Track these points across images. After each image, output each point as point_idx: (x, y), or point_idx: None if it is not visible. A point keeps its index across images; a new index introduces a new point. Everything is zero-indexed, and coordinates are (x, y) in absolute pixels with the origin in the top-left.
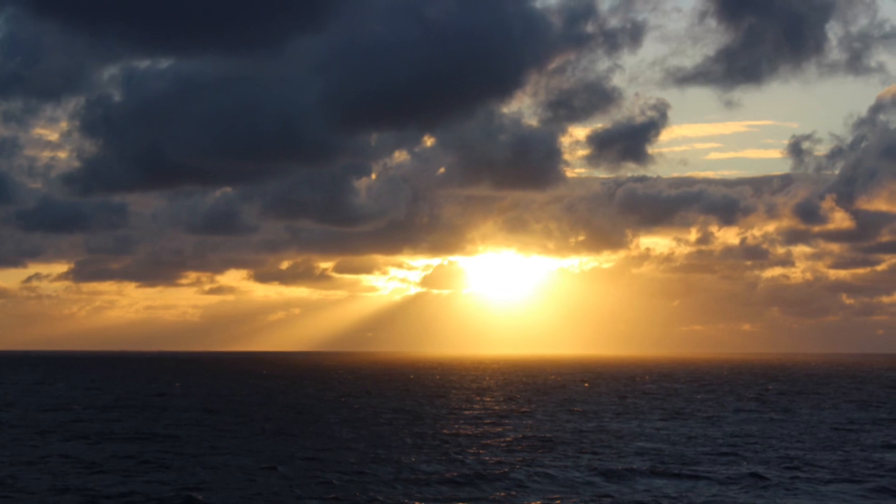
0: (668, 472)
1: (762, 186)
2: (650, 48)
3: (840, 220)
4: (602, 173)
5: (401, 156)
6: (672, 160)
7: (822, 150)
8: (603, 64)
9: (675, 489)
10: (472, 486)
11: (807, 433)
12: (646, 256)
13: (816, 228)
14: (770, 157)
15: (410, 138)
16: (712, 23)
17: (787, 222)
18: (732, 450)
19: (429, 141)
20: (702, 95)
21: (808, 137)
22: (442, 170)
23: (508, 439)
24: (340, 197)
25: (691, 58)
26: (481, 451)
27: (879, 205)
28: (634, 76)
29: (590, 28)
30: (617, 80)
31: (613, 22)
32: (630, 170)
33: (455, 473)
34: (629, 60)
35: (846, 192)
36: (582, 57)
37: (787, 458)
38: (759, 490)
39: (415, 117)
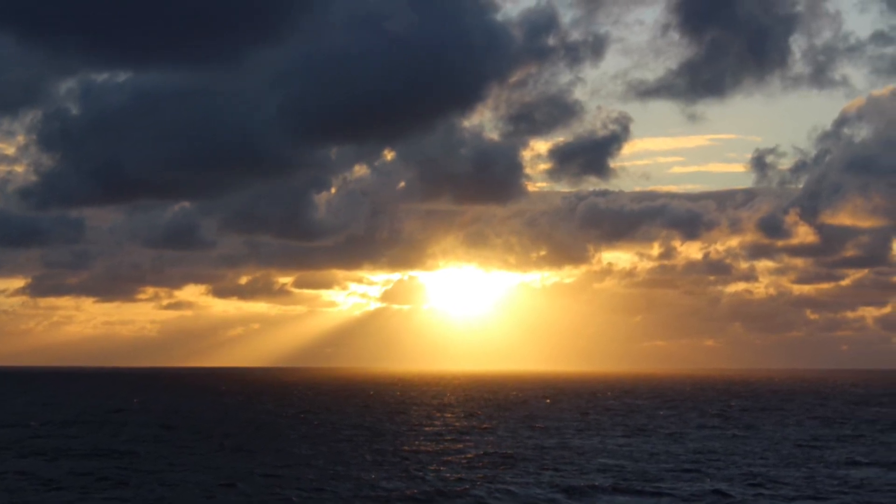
0: (630, 489)
1: (725, 201)
2: (612, 61)
3: (804, 234)
4: (564, 187)
5: (361, 170)
6: (634, 174)
7: (785, 163)
8: (564, 77)
9: None
10: None
11: (770, 450)
12: (608, 271)
13: (780, 243)
14: (733, 171)
15: (371, 152)
16: (675, 36)
17: (750, 237)
18: (695, 466)
19: (389, 155)
20: (664, 109)
21: (771, 151)
22: (402, 184)
23: (469, 456)
24: (300, 211)
25: (654, 71)
26: (442, 468)
27: (844, 219)
28: (596, 89)
29: (551, 41)
30: (579, 94)
31: (575, 35)
32: (592, 184)
33: (415, 490)
34: (591, 73)
35: (810, 206)
36: (543, 70)
37: (751, 474)
38: None
39: (375, 131)
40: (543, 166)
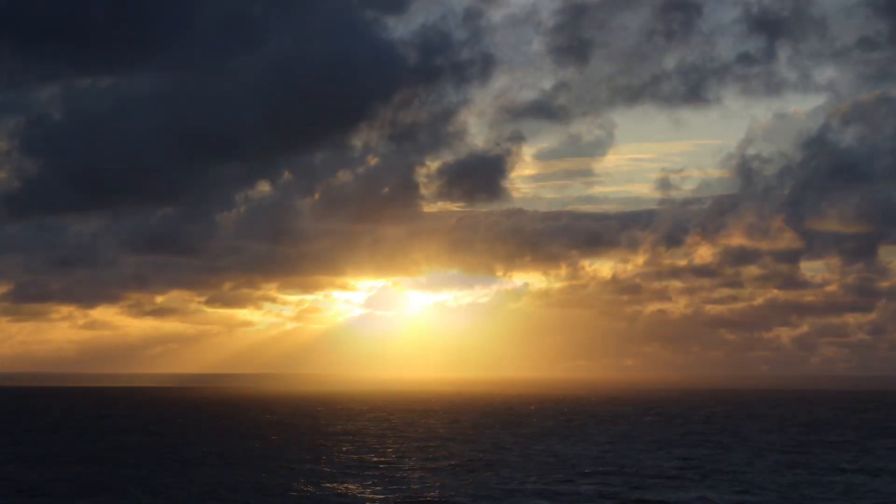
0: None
1: (630, 222)
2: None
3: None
4: (463, 206)
5: (261, 189)
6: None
7: (690, 184)
8: (453, 97)
9: None
10: None
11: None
12: (523, 291)
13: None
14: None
15: (269, 172)
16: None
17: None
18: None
19: (287, 174)
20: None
21: (677, 171)
22: (304, 203)
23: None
24: (200, 232)
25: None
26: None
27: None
28: (483, 111)
29: (440, 61)
30: (468, 114)
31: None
32: (491, 204)
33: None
34: (479, 94)
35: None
36: (431, 91)
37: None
38: None
39: (267, 151)
40: (437, 185)
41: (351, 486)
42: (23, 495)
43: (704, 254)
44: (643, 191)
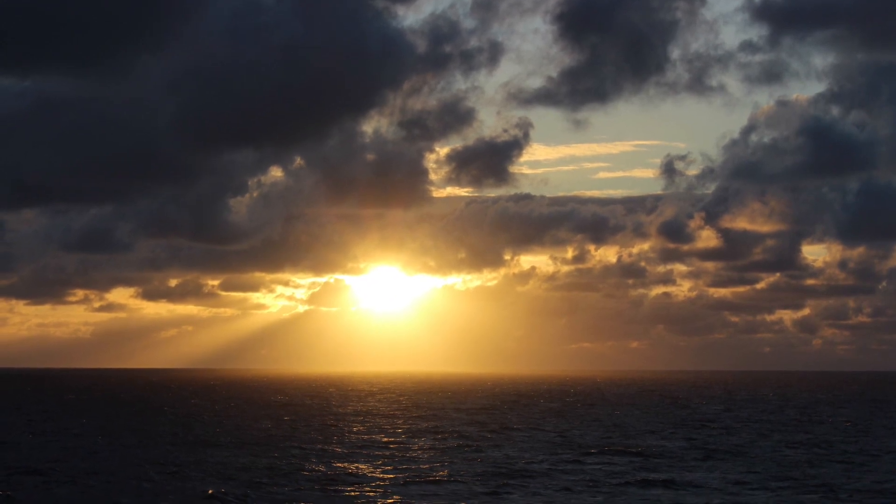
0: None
1: (636, 206)
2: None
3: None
4: (471, 191)
5: (271, 175)
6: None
7: (694, 170)
8: (462, 84)
9: None
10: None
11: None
12: (530, 275)
13: (686, 247)
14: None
15: (278, 158)
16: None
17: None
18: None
19: (298, 160)
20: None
21: (682, 158)
22: (315, 189)
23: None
24: (212, 216)
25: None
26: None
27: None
28: (491, 98)
29: (449, 49)
30: (476, 101)
31: (473, 42)
32: (500, 189)
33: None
34: (488, 81)
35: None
36: (440, 78)
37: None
38: None
39: (273, 138)
40: (447, 170)
41: (362, 466)
42: (37, 474)
43: (708, 238)
44: (648, 176)
